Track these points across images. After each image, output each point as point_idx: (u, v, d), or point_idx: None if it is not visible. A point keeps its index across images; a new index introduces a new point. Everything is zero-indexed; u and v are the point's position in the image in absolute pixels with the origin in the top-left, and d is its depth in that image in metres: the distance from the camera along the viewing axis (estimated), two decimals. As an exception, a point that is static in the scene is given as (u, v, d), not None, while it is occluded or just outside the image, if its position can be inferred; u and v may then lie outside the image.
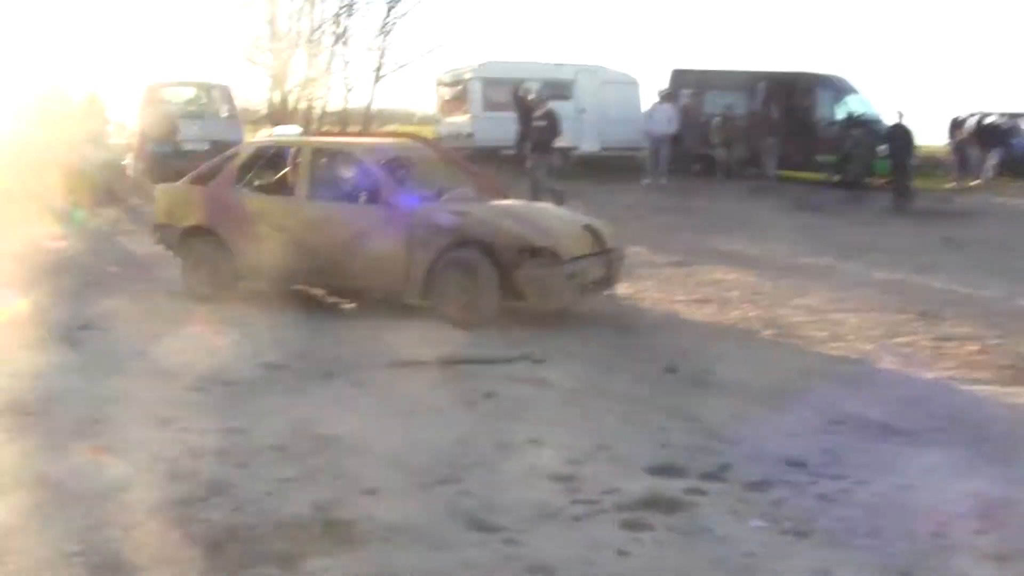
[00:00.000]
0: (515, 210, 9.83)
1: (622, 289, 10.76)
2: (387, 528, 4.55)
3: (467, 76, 24.04)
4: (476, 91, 23.58)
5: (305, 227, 9.51)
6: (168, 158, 17.50)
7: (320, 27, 27.12)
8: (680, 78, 25.23)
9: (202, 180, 10.45)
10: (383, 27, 27.22)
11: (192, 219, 10.18)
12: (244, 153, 10.60)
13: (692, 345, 8.54)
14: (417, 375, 7.29)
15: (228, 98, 21.06)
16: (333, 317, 9.34)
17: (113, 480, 5.03)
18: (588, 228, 9.61)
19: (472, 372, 7.38)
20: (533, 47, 79.43)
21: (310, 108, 27.43)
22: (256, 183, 10.48)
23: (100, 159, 16.28)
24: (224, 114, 20.58)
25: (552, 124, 17.99)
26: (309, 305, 9.70)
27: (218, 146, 18.97)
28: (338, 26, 27.10)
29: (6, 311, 8.77)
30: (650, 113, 22.58)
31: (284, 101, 27.03)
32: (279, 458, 5.43)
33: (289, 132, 22.78)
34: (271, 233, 9.58)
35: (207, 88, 21.87)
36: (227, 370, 7.20)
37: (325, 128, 27.37)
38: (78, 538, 4.38)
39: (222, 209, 10.01)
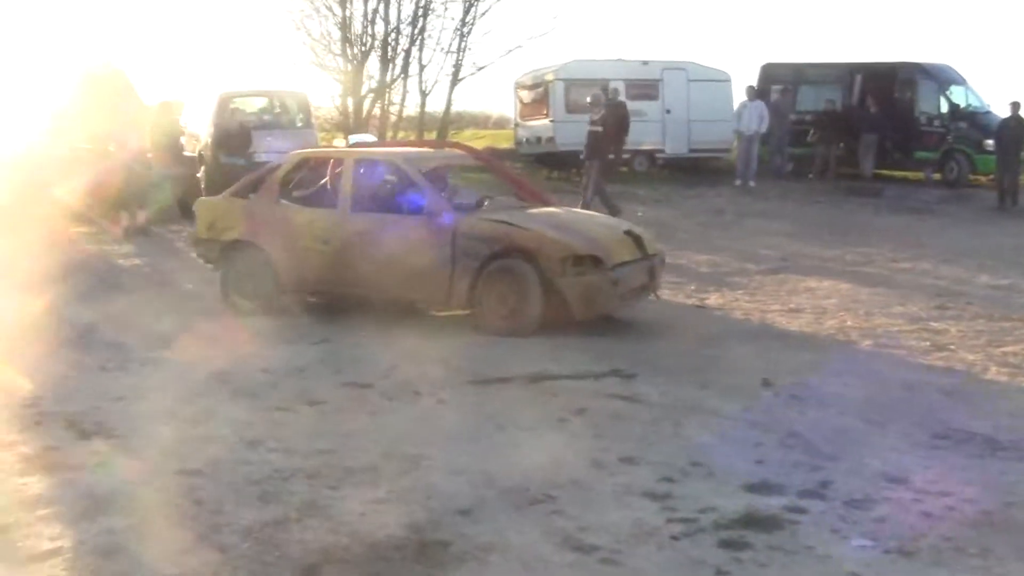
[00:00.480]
0: (557, 218, 10.14)
1: (713, 299, 10.91)
2: (482, 549, 4.72)
3: (548, 77, 24.17)
4: (557, 93, 23.71)
5: (348, 240, 9.83)
6: (241, 171, 17.80)
7: (395, 30, 27.31)
8: (770, 73, 25.18)
9: (243, 193, 10.85)
10: (461, 28, 27.34)
11: (234, 233, 10.49)
12: (286, 165, 10.82)
13: (787, 357, 8.61)
14: (505, 392, 7.48)
15: (304, 107, 21.32)
16: (408, 332, 9.54)
17: (206, 502, 5.26)
18: (630, 234, 9.96)
19: (561, 388, 7.54)
20: (618, 44, 79.52)
21: (385, 114, 27.66)
22: (298, 195, 10.79)
23: (175, 171, 16.60)
24: (299, 124, 20.87)
25: (613, 127, 18.16)
26: (380, 319, 9.94)
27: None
28: (414, 28, 27.28)
29: (80, 328, 9.17)
30: (739, 111, 22.56)
31: (359, 108, 27.27)
32: (370, 479, 5.62)
33: (363, 140, 23.12)
34: (314, 246, 9.94)
35: (281, 97, 22.16)
36: (311, 390, 7.45)
37: (400, 135, 27.69)
38: (175, 561, 4.59)
39: (264, 222, 10.32)
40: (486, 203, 10.38)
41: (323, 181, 11.05)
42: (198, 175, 18.69)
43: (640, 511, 5.21)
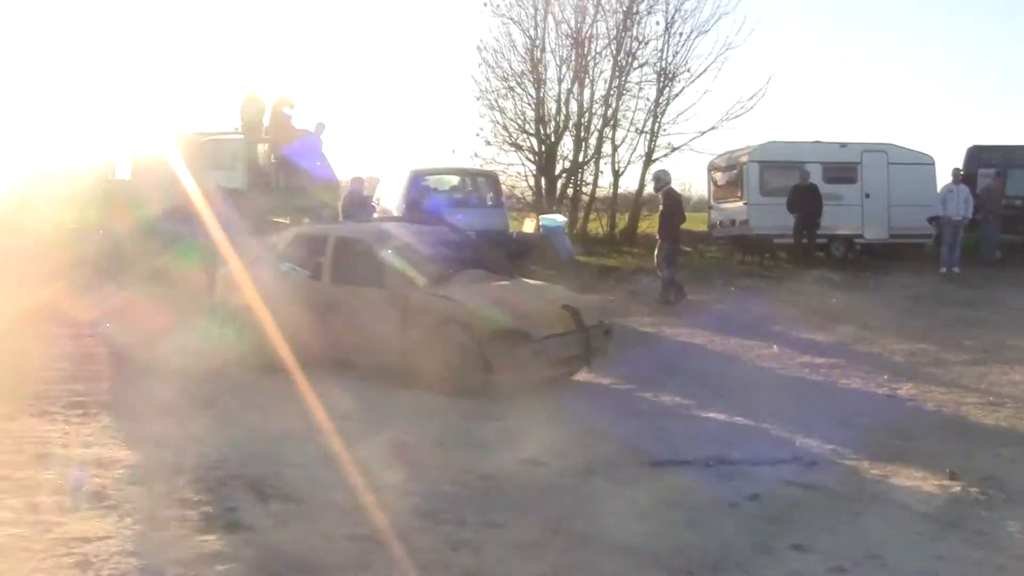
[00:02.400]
0: (501, 292, 11.06)
1: (906, 389, 10.69)
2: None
3: (743, 159, 24.10)
4: (753, 175, 23.62)
5: (327, 306, 10.96)
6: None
7: (588, 110, 27.79)
8: (977, 156, 24.57)
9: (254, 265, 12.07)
10: (654, 109, 27.64)
11: (241, 299, 11.62)
12: (284, 240, 12.40)
13: (981, 451, 8.37)
14: (680, 474, 7.51)
15: (495, 186, 21.86)
16: (587, 410, 9.69)
17: (373, 566, 5.48)
18: (567, 308, 10.77)
19: (738, 472, 7.53)
20: (816, 126, 78.57)
21: (577, 194, 28.08)
22: (295, 266, 11.99)
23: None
24: (489, 203, 21.39)
25: (671, 209, 18.18)
26: (556, 397, 10.15)
27: (484, 235, 19.79)
28: (607, 108, 27.71)
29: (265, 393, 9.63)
30: (944, 196, 21.95)
31: (551, 188, 27.75)
32: (535, 554, 5.75)
33: (553, 219, 23.50)
34: (301, 311, 10.96)
35: (473, 175, 22.79)
36: (484, 464, 7.64)
37: (592, 216, 28.01)
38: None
39: (269, 289, 11.42)
40: (456, 275, 11.27)
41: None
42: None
43: (808, 600, 5.18)
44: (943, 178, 23.57)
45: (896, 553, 5.87)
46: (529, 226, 24.81)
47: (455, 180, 22.57)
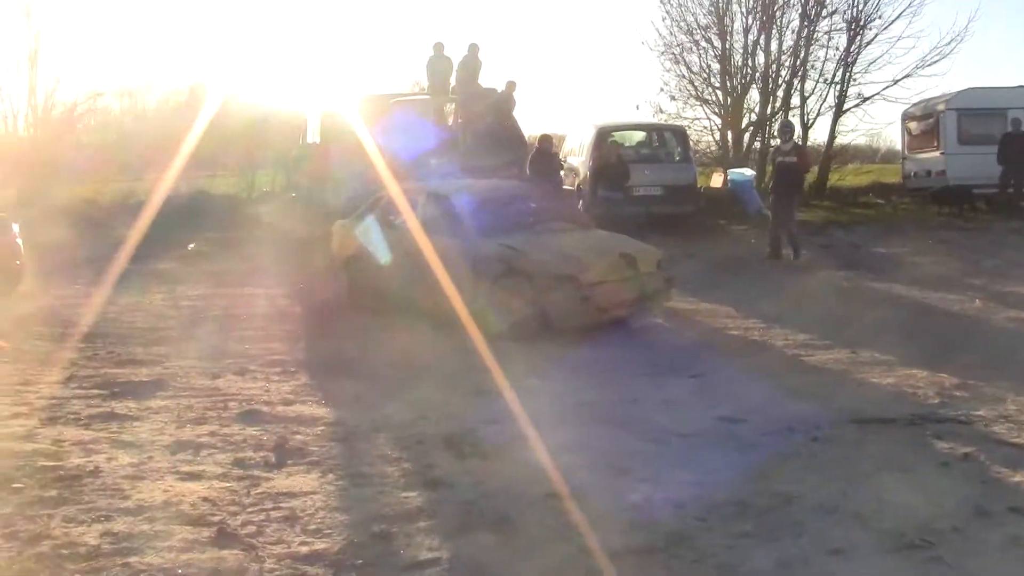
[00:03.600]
0: (561, 241, 11.62)
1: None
2: (853, 591, 4.61)
3: (940, 107, 23.13)
4: (950, 123, 22.63)
5: (414, 256, 11.54)
6: (618, 204, 18.14)
7: (776, 61, 27.08)
8: None
9: (359, 219, 13.27)
10: (845, 58, 26.71)
11: (350, 249, 13.05)
12: (384, 197, 13.17)
13: None
14: (884, 433, 7.21)
15: (683, 141, 21.47)
16: (786, 369, 9.46)
17: (574, 525, 5.40)
18: (623, 256, 11.38)
19: (946, 431, 7.18)
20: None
21: (765, 148, 27.42)
22: (396, 220, 12.69)
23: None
24: (677, 158, 21.03)
25: (801, 160, 17.33)
26: (748, 356, 9.93)
27: (672, 191, 19.55)
28: (796, 59, 26.94)
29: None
30: None
31: (738, 142, 27.21)
32: (738, 512, 5.59)
33: (742, 175, 23.03)
34: (394, 261, 12.17)
35: (660, 131, 22.46)
36: (683, 422, 7.49)
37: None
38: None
39: (368, 242, 12.73)
40: (538, 226, 12.02)
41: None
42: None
43: (1031, 566, 4.90)
44: None
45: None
46: (717, 181, 24.45)
47: (641, 136, 22.33)
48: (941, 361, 9.37)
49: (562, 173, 19.67)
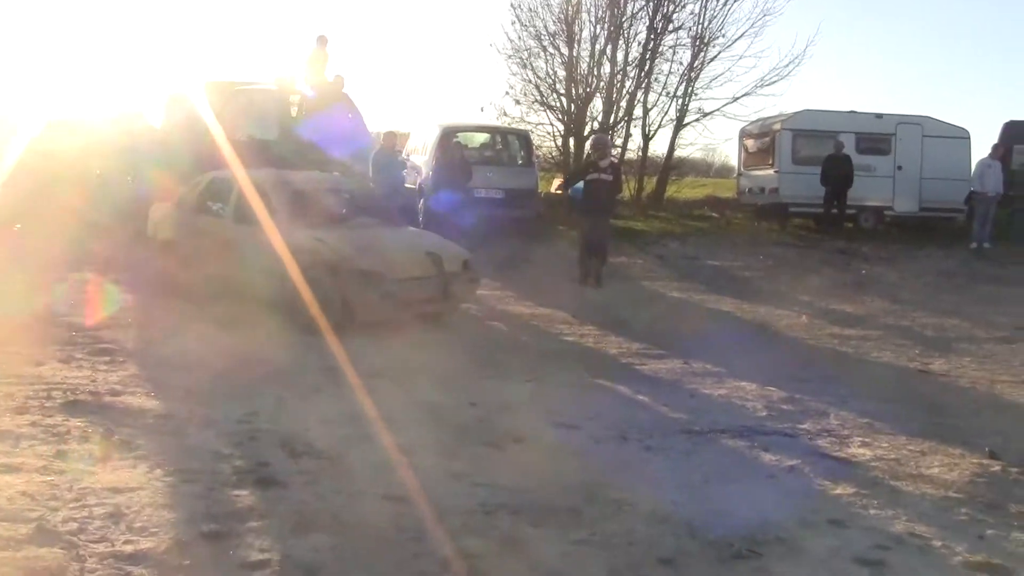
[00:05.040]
0: (370, 237, 11.70)
1: (938, 365, 10.59)
2: (683, 600, 4.68)
3: (776, 127, 23.85)
4: (785, 143, 23.37)
5: (229, 243, 11.80)
6: (459, 205, 18.15)
7: (621, 71, 27.48)
8: (1014, 131, 24.11)
9: (177, 203, 13.30)
10: (688, 73, 27.31)
11: (166, 233, 13.16)
12: (202, 183, 13.19)
13: (1018, 430, 8.21)
14: (714, 444, 7.39)
15: (526, 145, 21.57)
16: (622, 378, 9.61)
17: (408, 529, 5.34)
18: (429, 254, 11.55)
19: (773, 444, 7.39)
20: (851, 97, 77.57)
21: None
22: (213, 206, 12.73)
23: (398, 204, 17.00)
24: (520, 162, 21.14)
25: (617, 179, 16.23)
26: (589, 365, 10.08)
27: (513, 194, 19.63)
28: (640, 71, 27.39)
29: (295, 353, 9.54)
30: (981, 170, 21.58)
31: (580, 149, 27.53)
32: (573, 520, 5.62)
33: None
34: (210, 248, 12.16)
35: (504, 134, 22.54)
36: (517, 427, 7.50)
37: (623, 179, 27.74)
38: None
39: (184, 226, 12.76)
40: (349, 222, 12.27)
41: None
42: (419, 207, 19.17)
43: (849, 577, 5.07)
44: (976, 153, 23.37)
45: (940, 533, 5.71)
46: (556, 186, 24.66)
47: (486, 138, 22.37)
48: (769, 375, 9.65)
49: (404, 172, 19.56)
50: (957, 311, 14.65)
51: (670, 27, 27.44)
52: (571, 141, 27.81)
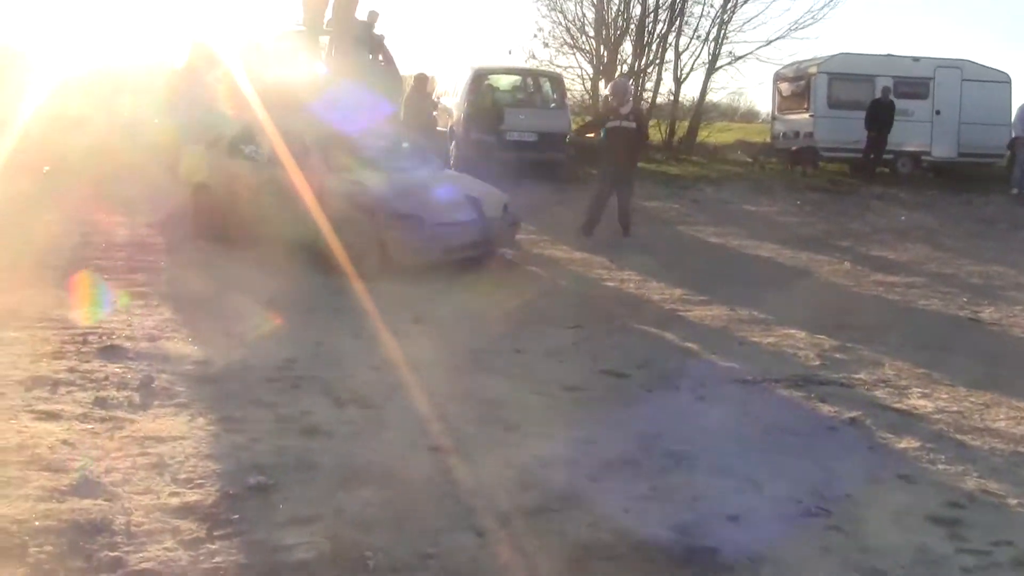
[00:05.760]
0: (409, 181, 11.53)
1: (988, 313, 10.32)
2: (754, 559, 4.43)
3: (811, 70, 23.36)
4: (820, 87, 22.89)
5: (262, 186, 11.46)
6: (492, 148, 17.87)
7: (652, 13, 26.94)
8: (1055, 76, 23.58)
9: (210, 145, 12.95)
10: (721, 16, 26.77)
11: (199, 176, 12.70)
12: (235, 127, 12.81)
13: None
14: (769, 393, 7.13)
15: (558, 88, 21.21)
16: (668, 324, 9.35)
17: (461, 482, 5.14)
18: (469, 198, 11.38)
19: (830, 394, 7.12)
20: (888, 41, 76.15)
21: (638, 99, 27.33)
22: (247, 149, 12.35)
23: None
24: (552, 104, 20.78)
25: (640, 126, 15.03)
26: (633, 311, 9.81)
27: (545, 138, 19.30)
28: (672, 13, 26.85)
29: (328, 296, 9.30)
30: (1022, 115, 21.08)
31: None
32: (632, 473, 5.39)
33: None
34: (243, 191, 11.79)
35: (536, 76, 22.16)
36: (567, 375, 7.27)
37: (652, 122, 27.30)
38: (432, 540, 4.47)
39: (217, 169, 12.38)
40: (387, 164, 11.96)
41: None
42: (449, 150, 18.87)
43: (925, 536, 4.80)
44: (1017, 98, 22.82)
45: (1013, 489, 5.45)
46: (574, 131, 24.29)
47: (517, 80, 21.99)
48: (817, 322, 9.37)
49: (435, 113, 19.28)
50: (1001, 259, 14.29)
51: (702, -33, 26.89)
52: (600, 84, 27.30)
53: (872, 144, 21.68)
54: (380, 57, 18.89)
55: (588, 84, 27.64)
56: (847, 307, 10.58)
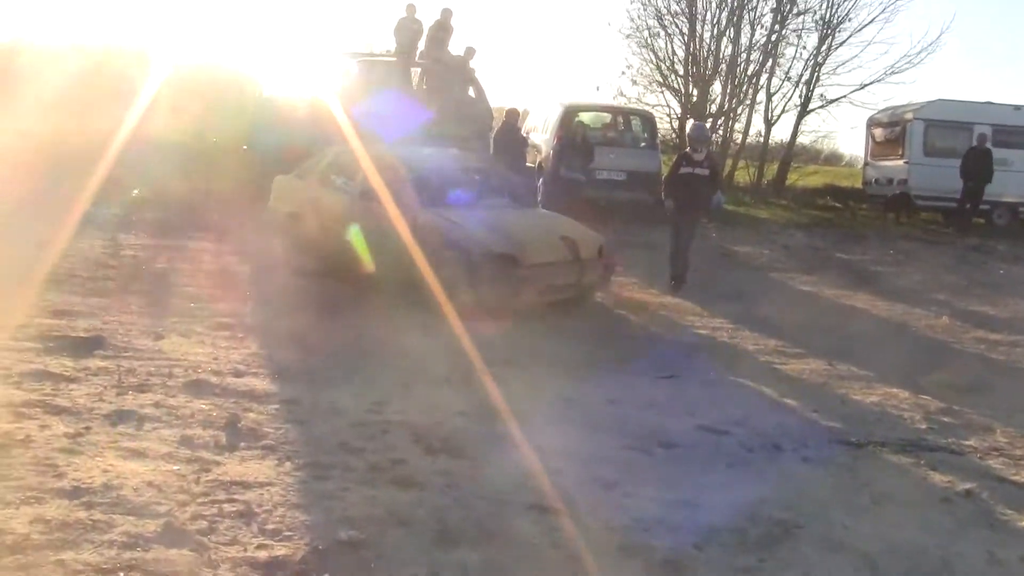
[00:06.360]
0: (503, 219, 11.19)
1: None
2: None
3: (907, 116, 22.90)
4: (916, 133, 22.42)
5: (353, 220, 11.20)
6: (580, 186, 17.68)
7: (745, 53, 26.69)
8: None
9: (301, 176, 12.84)
10: (815, 57, 26.42)
11: (290, 206, 12.49)
12: (327, 156, 12.72)
13: None
14: (876, 457, 6.80)
15: (650, 127, 20.97)
16: (761, 376, 9.03)
17: (563, 545, 4.91)
18: (564, 239, 11.00)
19: (941, 461, 6.77)
20: (987, 88, 74.79)
21: (728, 140, 27.05)
22: (338, 181, 12.23)
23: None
24: (643, 144, 20.54)
25: (714, 173, 14.01)
26: (728, 362, 9.54)
27: (635, 177, 19.07)
28: (764, 55, 26.57)
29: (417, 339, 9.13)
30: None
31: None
32: (738, 542, 5.12)
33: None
34: (334, 223, 11.53)
35: (627, 115, 21.95)
36: (664, 430, 7.00)
37: (741, 164, 26.99)
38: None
39: (308, 201, 12.21)
40: (480, 201, 11.69)
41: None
42: (537, 186, 18.70)
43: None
44: None
45: None
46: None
47: (608, 118, 21.80)
48: (920, 381, 9.01)
49: (526, 150, 19.13)
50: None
51: (795, 10, 26.60)
52: (688, 124, 27.02)
53: (968, 193, 21.12)
54: (471, 90, 18.81)
55: (675, 123, 27.41)
56: (950, 365, 10.15)
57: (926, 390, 8.73)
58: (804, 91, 26.82)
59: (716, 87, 27.15)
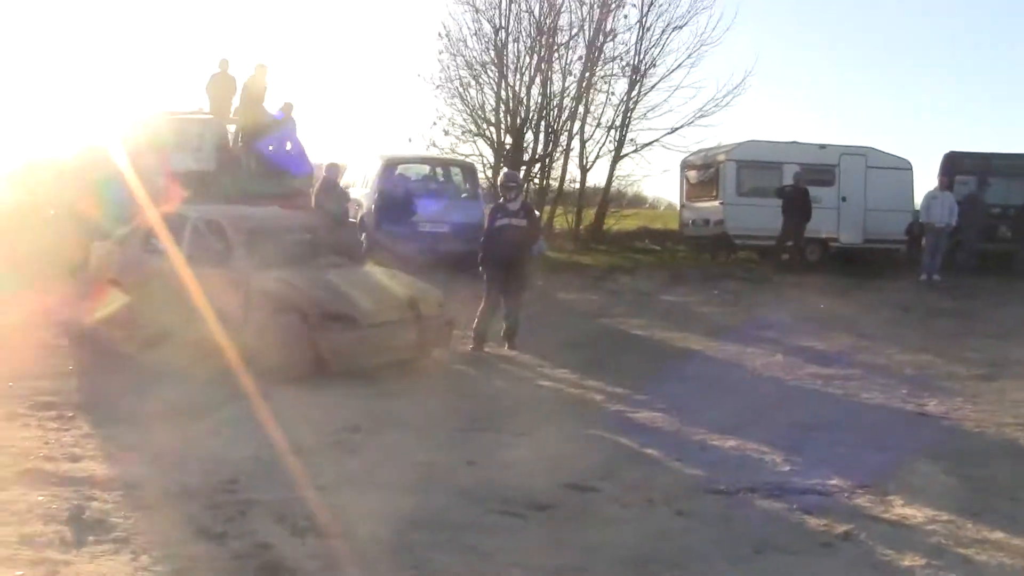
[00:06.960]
0: (340, 279, 10.93)
1: (933, 406, 10.07)
2: None
3: (719, 158, 23.51)
4: (729, 174, 23.01)
5: (179, 285, 10.61)
6: (403, 239, 17.43)
7: (559, 102, 26.98)
8: (954, 162, 23.86)
9: (121, 241, 12.35)
10: (626, 103, 26.91)
11: (110, 274, 12.05)
12: (149, 219, 12.07)
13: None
14: (749, 505, 6.71)
15: (471, 177, 20.88)
16: (607, 425, 8.92)
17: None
18: (404, 297, 10.91)
19: (812, 505, 6.71)
20: (793, 127, 77.89)
21: (543, 187, 27.25)
22: (158, 246, 11.69)
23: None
24: (465, 195, 20.42)
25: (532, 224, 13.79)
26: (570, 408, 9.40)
27: (458, 228, 18.90)
28: (576, 103, 26.92)
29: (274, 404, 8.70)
30: (928, 203, 21.34)
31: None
32: (635, 608, 4.91)
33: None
34: (159, 289, 10.98)
35: (448, 166, 21.83)
36: (532, 491, 6.74)
37: (559, 210, 27.20)
38: None
39: (129, 266, 11.78)
40: (317, 261, 11.42)
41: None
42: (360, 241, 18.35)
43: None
44: (919, 184, 23.29)
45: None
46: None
47: (428, 170, 21.59)
48: (770, 422, 9.07)
49: (347, 204, 18.79)
50: (926, 347, 14.20)
51: (604, 57, 27.08)
52: (502, 172, 27.09)
53: (786, 232, 21.72)
54: (289, 145, 18.41)
55: (490, 172, 27.44)
56: (792, 402, 10.29)
57: (778, 431, 8.74)
58: (616, 136, 27.26)
59: (529, 135, 27.32)
